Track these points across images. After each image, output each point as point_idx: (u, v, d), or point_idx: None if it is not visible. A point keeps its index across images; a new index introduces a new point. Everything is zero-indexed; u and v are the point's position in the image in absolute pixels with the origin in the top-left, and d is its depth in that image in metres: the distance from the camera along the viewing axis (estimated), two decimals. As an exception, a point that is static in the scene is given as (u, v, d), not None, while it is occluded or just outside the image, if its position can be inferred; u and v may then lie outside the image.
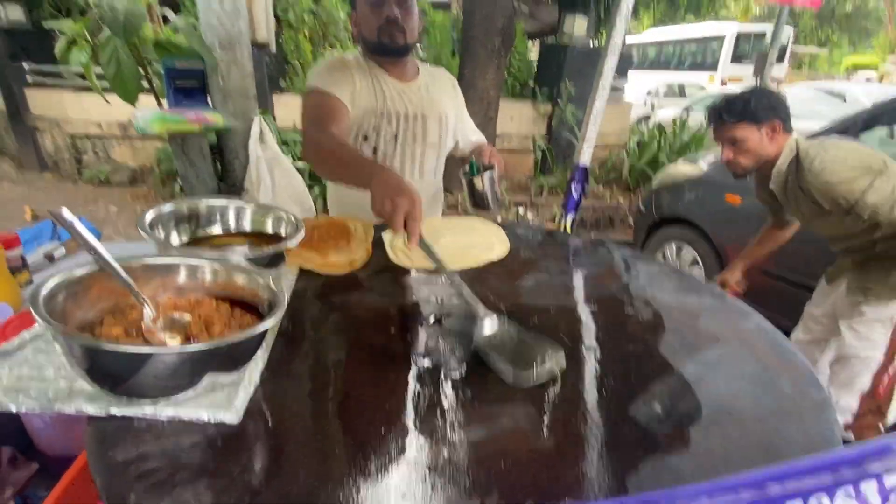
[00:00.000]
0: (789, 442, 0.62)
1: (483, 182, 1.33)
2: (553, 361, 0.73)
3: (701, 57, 14.87)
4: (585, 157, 1.95)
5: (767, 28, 11.39)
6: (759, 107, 1.53)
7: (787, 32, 13.18)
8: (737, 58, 13.68)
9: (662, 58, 16.56)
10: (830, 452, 0.45)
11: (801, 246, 2.02)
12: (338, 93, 1.30)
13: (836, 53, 23.52)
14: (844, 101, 8.89)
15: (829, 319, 1.80)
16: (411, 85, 1.44)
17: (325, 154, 1.15)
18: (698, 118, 7.41)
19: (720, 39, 13.94)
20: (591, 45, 6.09)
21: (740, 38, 13.72)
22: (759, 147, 1.57)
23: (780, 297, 2.50)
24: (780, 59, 11.99)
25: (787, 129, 1.56)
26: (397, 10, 1.30)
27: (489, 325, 0.81)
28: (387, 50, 1.36)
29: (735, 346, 0.84)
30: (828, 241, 1.72)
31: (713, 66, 14.09)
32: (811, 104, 7.99)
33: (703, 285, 1.08)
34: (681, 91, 12.14)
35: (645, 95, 12.19)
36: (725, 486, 0.42)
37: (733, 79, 13.04)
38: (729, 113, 1.58)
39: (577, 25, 5.76)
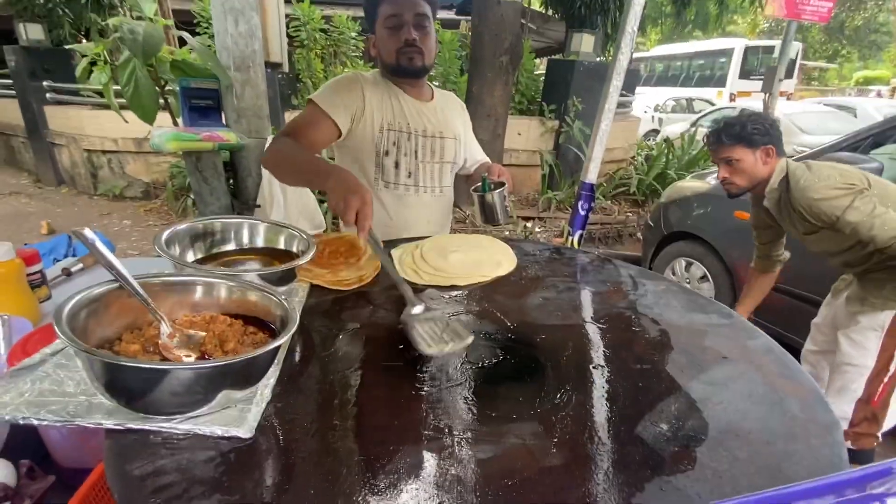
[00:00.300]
0: (796, 464, 0.62)
1: (494, 199, 1.39)
2: (458, 344, 0.81)
3: (709, 72, 14.92)
4: (592, 175, 1.97)
5: (776, 43, 11.42)
6: (755, 131, 1.65)
7: (796, 47, 13.20)
8: (745, 73, 13.69)
9: (670, 73, 16.63)
10: (835, 475, 0.45)
11: (811, 262, 2.03)
12: (330, 111, 1.33)
13: (847, 67, 23.48)
14: (855, 116, 8.86)
15: (830, 330, 1.88)
16: (428, 105, 1.49)
17: (281, 160, 1.24)
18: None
19: (728, 54, 13.98)
20: (599, 62, 6.13)
21: (748, 53, 13.76)
22: (753, 169, 1.69)
23: (790, 313, 2.48)
24: (790, 73, 12.00)
25: (780, 152, 1.68)
26: (415, 32, 1.34)
27: (417, 308, 0.91)
28: (405, 72, 1.40)
29: (742, 365, 0.84)
30: (827, 257, 1.77)
31: (721, 82, 14.11)
32: (821, 119, 7.97)
33: (710, 303, 1.08)
34: (689, 106, 12.17)
35: (653, 111, 12.23)
36: (731, 508, 0.43)
37: (742, 94, 13.04)
38: (727, 136, 1.70)
39: (585, 42, 5.82)
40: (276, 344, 0.64)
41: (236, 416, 0.65)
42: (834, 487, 0.44)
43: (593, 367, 0.82)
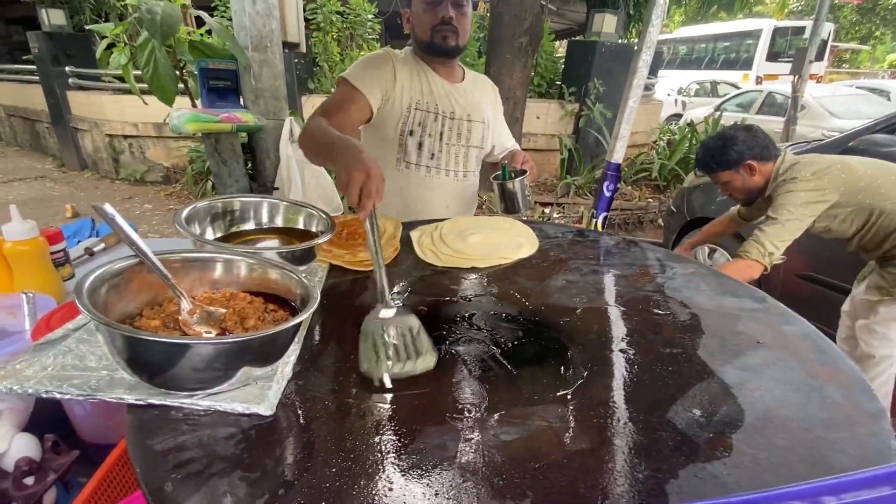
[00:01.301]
0: (840, 452, 0.58)
1: (515, 187, 1.36)
2: (416, 364, 0.71)
3: (735, 54, 14.43)
4: (618, 154, 1.92)
5: (806, 24, 10.98)
6: (725, 157, 1.71)
7: (828, 28, 12.69)
8: (773, 55, 13.19)
9: (694, 56, 16.13)
10: (889, 465, 0.42)
11: (841, 250, 1.97)
12: (363, 88, 1.32)
13: (880, 49, 22.53)
14: (889, 99, 8.51)
15: (852, 319, 1.86)
16: (458, 87, 1.45)
17: (308, 140, 1.20)
18: (731, 117, 7.23)
19: (756, 36, 13.48)
20: (621, 43, 5.97)
21: (777, 35, 13.23)
22: (744, 184, 1.74)
23: (822, 303, 2.40)
24: (820, 55, 11.54)
25: (767, 158, 1.70)
26: (452, 10, 1.31)
27: (384, 313, 0.80)
28: (438, 50, 1.37)
29: (778, 351, 0.80)
30: (844, 243, 1.76)
31: (748, 65, 13.64)
32: (853, 103, 7.67)
33: (741, 287, 1.04)
34: (713, 90, 11.83)
35: (676, 94, 11.92)
36: (776, 497, 0.40)
37: (769, 77, 12.61)
38: (703, 167, 1.80)
39: (607, 23, 5.67)
40: (297, 321, 0.63)
41: (257, 394, 0.64)
42: (891, 478, 0.41)
43: (620, 351, 0.80)
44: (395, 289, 0.98)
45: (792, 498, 0.39)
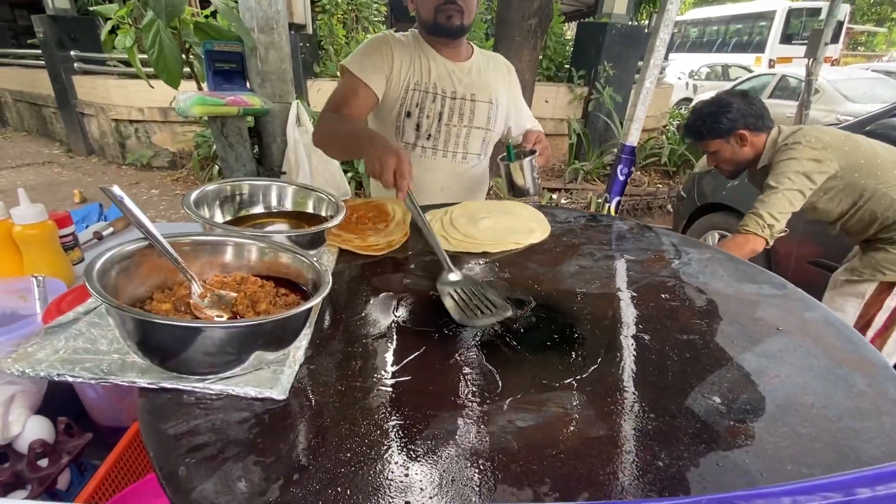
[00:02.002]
0: (867, 442, 0.57)
1: (522, 168, 1.29)
2: (495, 316, 0.79)
3: (747, 37, 14.11)
4: (633, 137, 1.87)
5: (822, 4, 10.70)
6: (717, 124, 1.62)
7: (844, 9, 12.36)
8: (786, 38, 12.89)
9: (705, 38, 15.80)
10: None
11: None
12: (364, 77, 1.32)
13: (896, 31, 21.98)
14: (906, 82, 8.31)
15: None
16: (462, 65, 1.42)
17: (326, 136, 1.24)
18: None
19: (769, 17, 13.17)
20: (632, 25, 5.85)
21: (791, 16, 12.91)
22: (733, 155, 1.67)
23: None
24: (835, 38, 11.27)
25: (760, 128, 1.63)
26: None
27: (453, 275, 0.90)
28: (442, 30, 1.34)
29: (799, 337, 0.78)
30: (828, 226, 1.75)
31: (760, 47, 13.34)
32: (868, 86, 7.50)
33: (760, 273, 1.01)
34: (724, 73, 11.61)
35: (686, 77, 11.70)
36: (809, 488, 0.39)
37: (782, 60, 12.34)
38: (692, 133, 1.71)
39: (617, 4, 5.55)
40: (309, 304, 0.62)
41: (269, 378, 0.63)
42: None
43: (635, 337, 0.78)
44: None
45: (826, 489, 0.38)
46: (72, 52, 5.79)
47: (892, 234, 1.57)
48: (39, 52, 6.17)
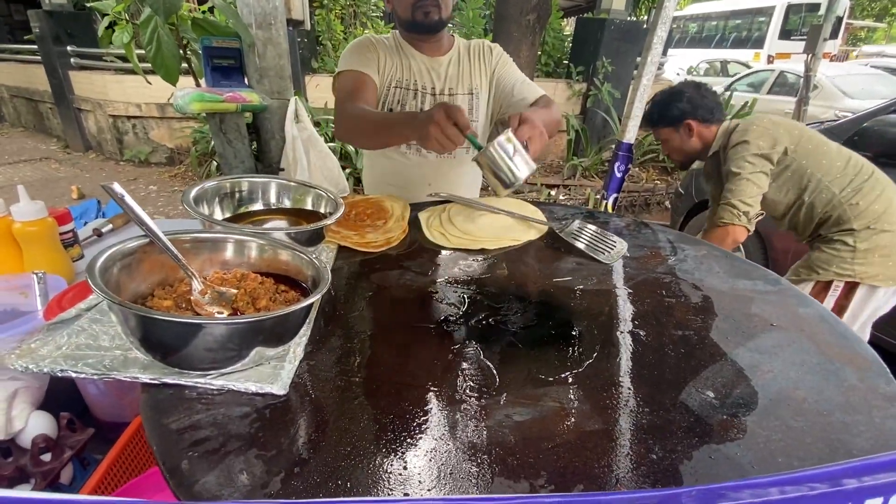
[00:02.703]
0: (857, 436, 0.58)
1: (490, 157, 0.97)
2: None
3: (746, 32, 14.08)
4: (630, 134, 1.88)
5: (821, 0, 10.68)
6: (670, 113, 1.72)
7: (843, 4, 12.33)
8: (785, 33, 12.87)
9: (704, 34, 15.77)
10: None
11: None
12: (364, 69, 1.32)
13: (895, 27, 21.94)
14: (904, 78, 8.30)
15: None
16: (440, 60, 1.41)
17: (360, 123, 1.20)
18: (742, 97, 7.09)
19: (768, 13, 13.13)
20: (631, 21, 5.84)
21: (790, 12, 12.88)
22: (681, 144, 1.74)
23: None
24: (835, 33, 11.25)
25: (709, 121, 1.70)
26: None
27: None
28: (420, 27, 1.34)
29: (793, 333, 0.79)
30: (775, 221, 1.78)
31: (759, 43, 13.32)
32: (867, 82, 7.50)
33: (755, 269, 1.02)
34: (723, 69, 11.59)
35: (685, 73, 11.69)
36: (796, 479, 0.40)
37: (781, 56, 12.32)
38: (647, 120, 1.84)
39: (616, 0, 5.53)
40: (309, 301, 0.63)
41: (270, 374, 0.64)
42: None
43: (631, 333, 0.79)
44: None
45: (813, 480, 0.39)
46: (68, 48, 5.75)
47: (827, 233, 1.60)
48: (36, 47, 6.13)
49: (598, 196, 4.61)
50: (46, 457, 0.81)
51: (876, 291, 1.57)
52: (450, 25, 1.43)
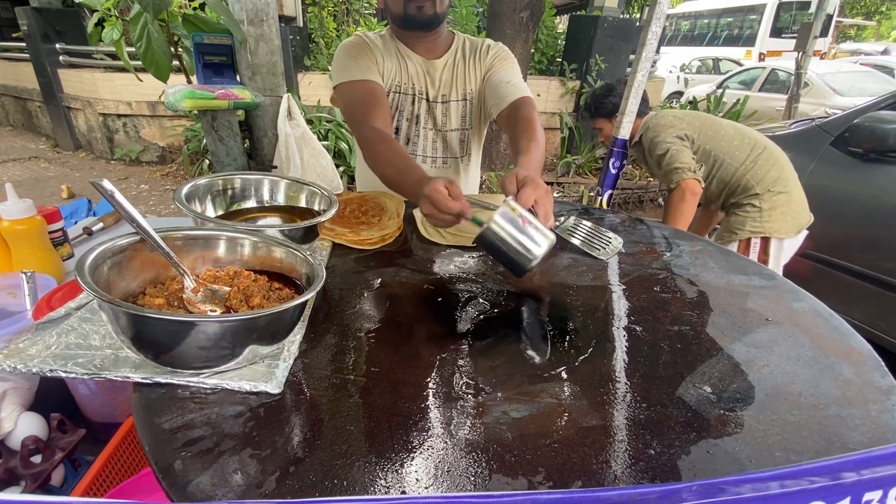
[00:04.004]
0: (853, 430, 0.58)
1: (497, 231, 0.79)
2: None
3: (738, 30, 14.17)
4: (625, 130, 1.89)
5: (811, -2, 10.76)
6: (605, 106, 2.12)
7: (833, 2, 12.42)
8: (777, 31, 12.96)
9: (696, 32, 15.85)
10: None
11: (840, 228, 2.06)
12: (368, 76, 1.24)
13: (885, 25, 22.15)
14: (893, 76, 8.40)
15: None
16: (434, 63, 1.34)
17: (375, 161, 1.11)
18: (733, 95, 7.13)
19: (760, 11, 13.21)
20: (624, 18, 5.85)
21: (781, 10, 12.97)
22: (613, 133, 2.12)
23: (823, 281, 2.40)
24: (825, 31, 11.33)
25: (637, 113, 2.10)
26: None
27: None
28: (414, 23, 1.26)
29: (788, 328, 0.80)
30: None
31: (751, 41, 13.40)
32: (856, 80, 7.57)
33: (751, 265, 1.03)
34: (715, 67, 11.65)
35: (678, 71, 11.74)
36: (796, 473, 0.40)
37: (772, 53, 12.40)
38: (586, 111, 2.24)
39: (609, -3, 5.54)
40: (304, 298, 0.62)
41: (264, 372, 0.63)
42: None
43: (627, 328, 0.79)
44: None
45: (813, 474, 0.39)
46: (57, 45, 5.68)
47: (738, 200, 1.94)
48: (24, 44, 6.05)
49: (591, 193, 4.63)
50: (37, 458, 0.79)
51: (783, 243, 1.91)
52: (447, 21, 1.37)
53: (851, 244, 2.26)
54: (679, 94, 10.12)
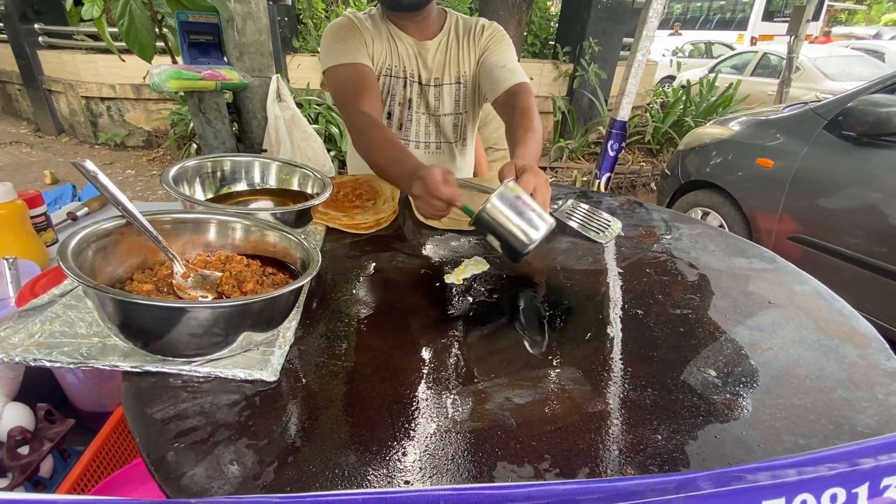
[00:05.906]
0: (861, 413, 0.58)
1: (494, 213, 0.78)
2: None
3: (730, 14, 14.12)
4: (624, 112, 1.86)
5: (804, -19, 10.70)
6: None
7: (825, -14, 12.39)
8: (769, 15, 12.93)
9: (689, 16, 15.76)
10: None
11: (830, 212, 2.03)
12: (357, 59, 1.19)
13: (875, 9, 22.17)
14: (884, 60, 8.42)
15: None
16: (427, 45, 1.29)
17: (365, 154, 1.07)
18: (725, 79, 7.11)
19: (752, -6, 13.16)
20: (617, 0, 5.77)
21: (773, -7, 12.93)
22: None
23: (814, 264, 2.42)
24: (817, 15, 11.32)
25: None
26: None
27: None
28: (402, 4, 1.21)
29: (791, 311, 0.79)
30: None
31: (743, 25, 13.37)
32: (848, 64, 7.58)
33: (751, 247, 1.02)
34: (707, 51, 11.61)
35: (670, 55, 11.69)
36: (815, 460, 0.39)
37: (764, 37, 12.38)
38: None
39: (603, -22, 5.45)
40: (299, 284, 0.60)
41: (259, 360, 0.61)
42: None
43: (629, 312, 0.78)
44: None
45: (831, 461, 0.38)
46: (36, 26, 5.49)
47: None
48: (1, 25, 5.84)
49: (584, 178, 4.61)
50: (24, 450, 0.77)
51: None
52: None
53: (843, 228, 2.27)
54: (671, 78, 10.09)
